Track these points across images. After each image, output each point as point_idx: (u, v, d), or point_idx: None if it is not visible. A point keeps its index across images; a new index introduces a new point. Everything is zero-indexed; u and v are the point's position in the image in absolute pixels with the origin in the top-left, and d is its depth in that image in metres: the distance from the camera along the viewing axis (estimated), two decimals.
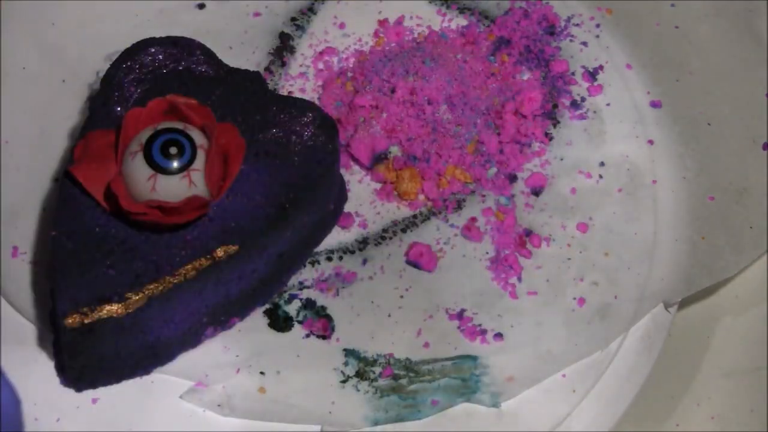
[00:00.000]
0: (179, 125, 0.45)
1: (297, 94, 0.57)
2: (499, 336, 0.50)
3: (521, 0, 0.62)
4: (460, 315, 0.50)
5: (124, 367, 0.46)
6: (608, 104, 0.58)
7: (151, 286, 0.44)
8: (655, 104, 0.59)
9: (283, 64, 0.58)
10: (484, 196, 0.54)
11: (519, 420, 0.47)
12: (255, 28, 0.59)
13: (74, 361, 0.45)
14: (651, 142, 0.57)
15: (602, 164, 0.56)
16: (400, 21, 0.61)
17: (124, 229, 0.45)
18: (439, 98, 0.54)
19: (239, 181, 0.46)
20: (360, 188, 0.55)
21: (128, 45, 0.50)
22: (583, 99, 0.58)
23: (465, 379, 0.48)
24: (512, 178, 0.55)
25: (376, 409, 0.47)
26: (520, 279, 0.52)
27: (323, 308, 0.50)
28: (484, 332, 0.50)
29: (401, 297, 0.51)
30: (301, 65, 0.58)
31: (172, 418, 0.46)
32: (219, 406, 0.47)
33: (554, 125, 0.57)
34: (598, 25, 0.62)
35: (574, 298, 0.51)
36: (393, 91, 0.55)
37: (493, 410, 0.48)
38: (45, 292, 0.49)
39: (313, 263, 0.52)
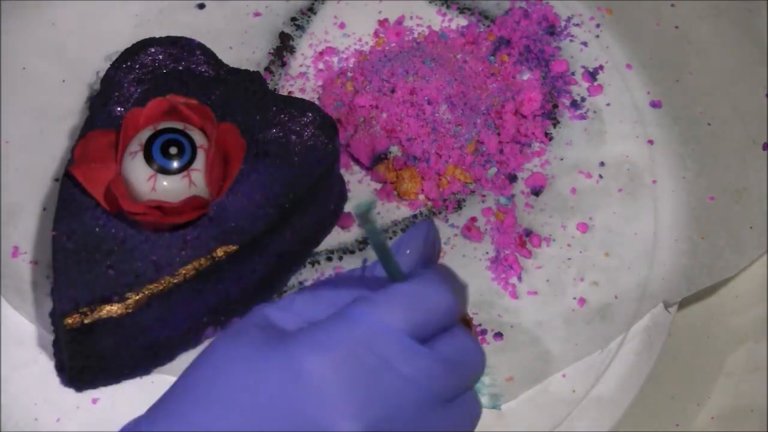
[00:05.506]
0: (179, 125, 0.45)
1: (297, 94, 0.57)
2: (499, 336, 0.50)
3: (521, 0, 0.62)
4: None
5: (124, 367, 0.46)
6: (608, 104, 0.58)
7: (151, 286, 0.44)
8: (655, 104, 0.59)
9: (283, 64, 0.58)
10: (484, 196, 0.54)
11: (519, 420, 0.47)
12: (255, 28, 0.59)
13: (74, 361, 0.45)
14: (651, 142, 0.57)
15: (602, 164, 0.56)
16: (400, 21, 0.61)
17: (124, 229, 0.45)
18: (439, 98, 0.54)
19: (239, 181, 0.46)
20: (360, 188, 0.55)
21: (128, 45, 0.50)
22: (583, 99, 0.58)
23: None
24: (512, 178, 0.55)
25: None
26: (520, 279, 0.52)
27: None
28: (484, 332, 0.50)
29: None
30: (301, 65, 0.58)
31: None
32: None
33: (554, 125, 0.57)
34: (598, 25, 0.62)
35: (574, 298, 0.51)
36: (393, 91, 0.55)
37: (493, 410, 0.47)
38: (45, 292, 0.49)
39: (313, 263, 0.51)
